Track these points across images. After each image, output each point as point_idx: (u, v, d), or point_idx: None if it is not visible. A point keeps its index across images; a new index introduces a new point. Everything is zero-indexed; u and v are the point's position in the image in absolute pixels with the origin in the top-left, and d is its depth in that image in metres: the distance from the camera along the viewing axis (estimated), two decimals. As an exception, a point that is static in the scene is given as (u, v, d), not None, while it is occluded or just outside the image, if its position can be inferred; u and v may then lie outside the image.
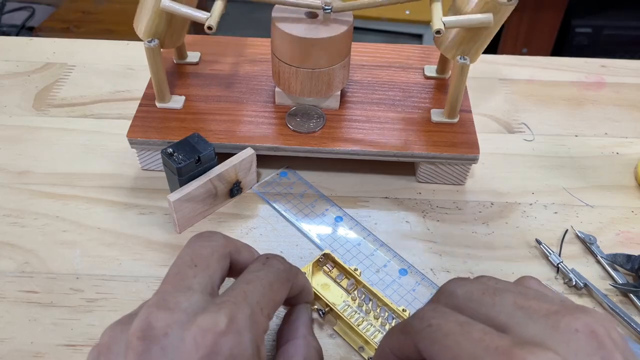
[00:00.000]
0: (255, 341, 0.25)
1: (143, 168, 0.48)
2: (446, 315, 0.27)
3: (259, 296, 0.27)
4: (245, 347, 0.24)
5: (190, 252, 0.29)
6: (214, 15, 0.40)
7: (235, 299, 0.26)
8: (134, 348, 0.24)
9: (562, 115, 0.55)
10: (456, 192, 0.48)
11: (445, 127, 0.47)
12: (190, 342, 0.24)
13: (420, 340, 0.27)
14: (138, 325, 0.24)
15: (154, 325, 0.24)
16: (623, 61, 0.62)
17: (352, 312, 0.38)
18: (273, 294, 0.28)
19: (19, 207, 0.45)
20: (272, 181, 0.47)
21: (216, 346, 0.24)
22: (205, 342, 0.24)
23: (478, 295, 0.27)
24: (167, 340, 0.24)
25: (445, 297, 0.29)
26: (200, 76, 0.51)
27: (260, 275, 0.28)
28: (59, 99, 0.55)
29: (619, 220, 0.46)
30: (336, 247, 0.42)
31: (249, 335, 0.25)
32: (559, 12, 1.43)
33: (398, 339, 0.29)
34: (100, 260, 0.41)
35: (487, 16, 0.40)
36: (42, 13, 1.63)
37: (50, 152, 0.49)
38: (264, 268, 0.29)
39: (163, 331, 0.24)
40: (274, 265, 0.30)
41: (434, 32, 0.40)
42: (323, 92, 0.46)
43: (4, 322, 0.38)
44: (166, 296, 0.26)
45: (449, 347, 0.25)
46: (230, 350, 0.24)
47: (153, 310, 0.25)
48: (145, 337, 0.24)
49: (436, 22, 0.40)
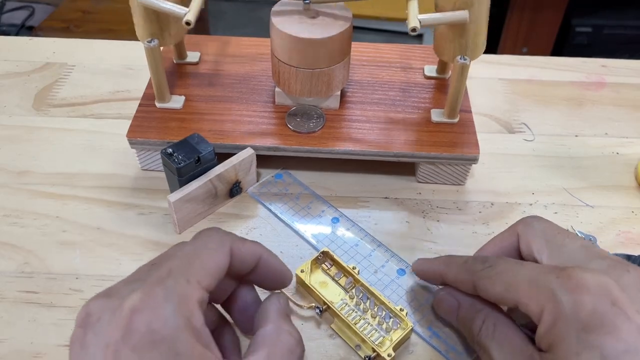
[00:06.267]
0: (181, 312, 0.25)
1: (143, 168, 0.48)
2: (506, 259, 0.32)
3: (183, 268, 0.27)
4: (165, 319, 0.25)
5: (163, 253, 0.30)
6: (192, 11, 0.40)
7: (159, 276, 0.27)
8: (76, 335, 0.26)
9: (562, 115, 0.55)
10: (456, 192, 0.48)
11: (445, 127, 0.47)
12: (112, 324, 0.25)
13: (478, 278, 0.32)
14: (80, 314, 0.26)
15: (91, 313, 0.26)
16: (623, 61, 0.62)
17: (350, 311, 0.38)
18: (201, 261, 0.28)
19: (19, 207, 0.45)
20: (268, 183, 0.47)
21: (132, 323, 0.24)
22: (122, 321, 0.25)
23: (552, 233, 0.32)
24: (99, 325, 0.25)
25: (524, 227, 0.34)
26: (200, 76, 0.51)
27: (185, 249, 0.29)
28: (59, 99, 0.55)
29: (619, 221, 0.46)
30: (333, 248, 0.42)
31: (169, 307, 0.25)
32: (559, 11, 1.43)
33: (457, 273, 0.34)
34: (100, 260, 0.41)
35: (462, 13, 0.41)
36: (42, 12, 1.63)
37: (50, 152, 0.49)
38: (189, 242, 0.30)
39: (97, 317, 0.26)
40: (202, 236, 0.30)
41: (410, 30, 0.40)
42: (323, 92, 0.46)
43: (3, 322, 0.38)
44: (113, 287, 0.27)
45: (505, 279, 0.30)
46: (148, 325, 0.24)
47: (94, 298, 0.27)
48: (83, 324, 0.26)
49: (412, 20, 0.40)
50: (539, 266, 0.30)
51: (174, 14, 0.41)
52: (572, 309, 0.26)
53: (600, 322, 0.25)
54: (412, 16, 0.40)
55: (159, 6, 0.41)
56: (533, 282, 0.28)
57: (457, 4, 0.41)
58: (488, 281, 0.31)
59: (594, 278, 0.26)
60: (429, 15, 0.41)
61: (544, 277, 0.28)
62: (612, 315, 0.25)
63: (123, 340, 0.24)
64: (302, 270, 0.39)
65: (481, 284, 0.32)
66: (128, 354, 0.24)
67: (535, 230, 0.33)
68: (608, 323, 0.25)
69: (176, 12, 0.41)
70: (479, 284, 0.32)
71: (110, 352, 0.24)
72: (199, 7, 0.41)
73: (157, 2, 0.41)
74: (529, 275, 0.29)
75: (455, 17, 0.41)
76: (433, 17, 0.41)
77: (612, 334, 0.24)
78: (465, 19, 0.41)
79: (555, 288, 0.27)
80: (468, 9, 0.41)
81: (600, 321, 0.25)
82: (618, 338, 0.24)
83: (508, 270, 0.31)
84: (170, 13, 0.41)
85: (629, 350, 0.24)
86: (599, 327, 0.25)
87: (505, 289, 0.30)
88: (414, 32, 0.40)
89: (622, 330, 0.24)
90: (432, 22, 0.41)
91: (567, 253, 0.31)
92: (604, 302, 0.25)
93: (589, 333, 0.25)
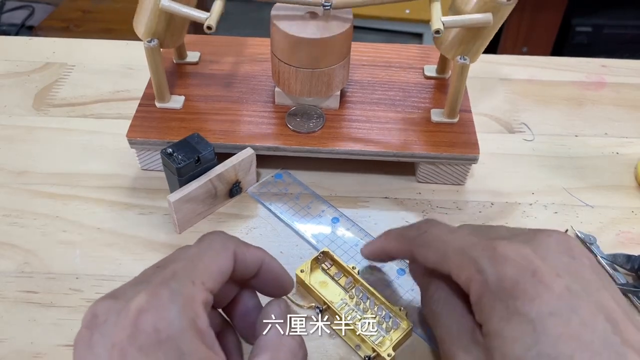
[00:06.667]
0: (186, 313, 0.26)
1: (143, 168, 0.48)
2: (439, 225, 0.33)
3: (188, 270, 0.27)
4: (170, 319, 0.25)
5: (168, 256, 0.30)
6: (214, 15, 0.40)
7: (164, 277, 0.27)
8: (81, 336, 0.26)
9: (562, 115, 0.55)
10: (456, 192, 0.48)
11: (445, 127, 0.47)
12: (119, 325, 0.25)
13: (415, 246, 0.33)
14: (86, 315, 0.26)
15: (97, 314, 0.26)
16: (623, 61, 0.62)
17: (350, 310, 0.38)
18: (205, 264, 0.28)
19: (19, 207, 0.45)
20: (268, 183, 0.47)
21: (138, 324, 0.25)
22: (128, 321, 0.25)
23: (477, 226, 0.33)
24: (105, 326, 0.25)
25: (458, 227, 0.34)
26: (200, 76, 0.51)
27: (190, 252, 0.29)
28: (59, 98, 0.55)
29: (619, 220, 0.46)
30: (333, 248, 0.42)
31: (175, 308, 0.25)
32: (559, 11, 1.43)
33: (396, 244, 0.35)
34: (100, 261, 0.41)
35: (487, 16, 0.40)
36: (42, 12, 1.63)
37: (50, 152, 0.49)
38: (194, 245, 0.30)
39: (103, 318, 0.26)
40: (205, 239, 0.31)
41: (434, 32, 0.40)
42: (323, 92, 0.46)
43: (3, 322, 0.38)
44: (118, 289, 0.28)
45: (438, 247, 0.31)
46: (154, 325, 0.25)
47: (100, 300, 0.27)
48: (89, 325, 0.26)
49: (435, 22, 0.40)
50: (468, 236, 0.31)
51: (195, 18, 0.41)
52: (496, 280, 0.27)
53: (523, 291, 0.26)
54: (436, 18, 0.40)
55: (180, 12, 0.41)
56: (462, 253, 0.29)
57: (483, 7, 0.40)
58: (423, 249, 0.32)
59: (514, 248, 0.28)
60: (453, 18, 0.41)
61: (471, 248, 0.29)
62: (533, 283, 0.26)
63: (129, 340, 0.24)
64: (302, 270, 0.39)
65: (418, 252, 0.32)
66: (134, 354, 0.24)
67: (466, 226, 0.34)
68: (531, 291, 0.26)
69: (197, 17, 0.41)
70: (416, 251, 0.33)
71: (117, 352, 0.24)
72: (220, 11, 0.41)
73: (179, 8, 0.41)
74: (459, 246, 0.30)
75: (478, 20, 0.40)
76: (456, 19, 0.41)
77: (535, 299, 0.26)
78: (489, 22, 0.40)
79: (480, 259, 0.28)
80: (492, 12, 0.40)
81: (523, 290, 0.26)
82: (541, 302, 0.26)
83: (440, 238, 0.32)
84: (191, 18, 0.41)
85: (553, 313, 0.25)
86: (522, 295, 0.26)
87: (439, 258, 0.31)
88: (438, 35, 0.40)
89: (543, 295, 0.26)
90: (456, 24, 0.41)
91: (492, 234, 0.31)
92: (525, 273, 0.27)
93: (515, 300, 0.26)
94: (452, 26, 0.41)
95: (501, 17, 0.41)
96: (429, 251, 0.32)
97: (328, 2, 0.42)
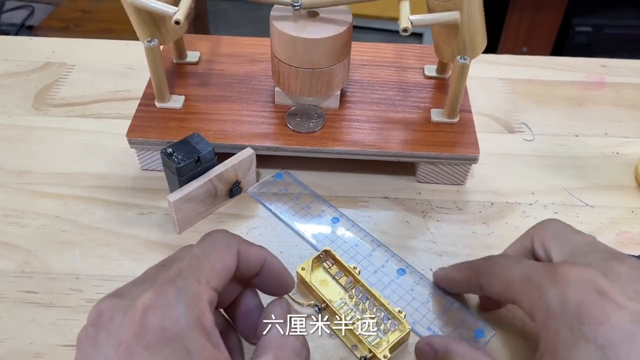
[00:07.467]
0: (192, 311, 0.26)
1: (143, 168, 0.48)
2: (508, 256, 0.33)
3: (193, 269, 0.28)
4: (177, 317, 0.25)
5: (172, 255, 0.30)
6: (182, 10, 0.40)
7: (169, 276, 0.27)
8: (86, 333, 0.26)
9: (562, 115, 0.55)
10: (456, 192, 0.48)
11: (445, 127, 0.47)
12: (125, 323, 0.25)
13: (482, 275, 0.33)
14: (91, 313, 0.26)
15: (102, 312, 0.26)
16: (623, 61, 0.62)
17: (348, 310, 0.38)
18: (210, 262, 0.28)
19: (19, 207, 0.45)
20: (268, 183, 0.47)
21: (145, 322, 0.25)
22: (134, 319, 0.25)
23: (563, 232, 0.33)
24: (111, 324, 0.25)
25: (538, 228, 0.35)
26: (200, 76, 0.51)
27: (194, 250, 0.29)
28: (59, 98, 0.55)
29: (619, 221, 0.46)
30: (334, 248, 0.42)
31: (181, 306, 0.25)
32: (559, 10, 1.43)
33: (465, 274, 0.35)
34: (100, 260, 0.41)
35: (453, 14, 0.41)
36: (42, 12, 1.63)
37: (50, 152, 0.49)
38: (198, 244, 0.30)
39: (109, 316, 0.26)
40: (209, 238, 0.31)
41: (401, 31, 0.40)
42: (323, 92, 0.46)
43: (3, 322, 0.38)
44: (123, 287, 0.28)
45: (504, 276, 0.31)
46: (160, 323, 0.25)
47: (105, 298, 0.27)
48: (95, 324, 0.26)
49: (403, 20, 0.40)
50: (533, 263, 0.30)
51: (164, 13, 0.41)
52: (559, 304, 0.26)
53: (590, 313, 0.25)
54: (404, 17, 0.40)
55: (148, 6, 0.41)
56: (525, 280, 0.29)
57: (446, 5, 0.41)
58: (490, 278, 0.32)
59: (576, 271, 0.27)
60: (420, 16, 0.41)
61: (535, 273, 0.28)
62: (600, 304, 0.25)
63: (135, 337, 0.24)
64: (303, 268, 0.39)
65: (484, 282, 0.32)
66: (140, 352, 0.24)
67: (548, 231, 0.34)
68: (598, 313, 0.24)
69: (166, 12, 0.41)
70: (482, 281, 0.32)
71: (123, 350, 0.24)
72: (188, 6, 0.41)
73: (146, 2, 0.41)
74: (523, 273, 0.29)
75: (446, 18, 0.41)
76: (424, 17, 0.41)
77: (604, 323, 0.24)
78: (457, 20, 0.41)
79: (543, 284, 0.27)
80: (458, 9, 0.41)
81: (589, 312, 0.25)
82: (611, 326, 0.24)
83: (506, 267, 0.31)
84: (160, 13, 0.41)
85: (624, 338, 0.24)
86: (589, 317, 0.25)
87: (504, 287, 0.30)
88: (406, 33, 0.40)
89: (613, 318, 0.24)
90: (424, 22, 0.41)
91: (571, 248, 0.31)
92: (590, 293, 0.25)
93: (581, 325, 0.25)
94: (420, 25, 0.41)
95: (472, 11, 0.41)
96: (495, 280, 0.31)
97: (297, 1, 0.42)
